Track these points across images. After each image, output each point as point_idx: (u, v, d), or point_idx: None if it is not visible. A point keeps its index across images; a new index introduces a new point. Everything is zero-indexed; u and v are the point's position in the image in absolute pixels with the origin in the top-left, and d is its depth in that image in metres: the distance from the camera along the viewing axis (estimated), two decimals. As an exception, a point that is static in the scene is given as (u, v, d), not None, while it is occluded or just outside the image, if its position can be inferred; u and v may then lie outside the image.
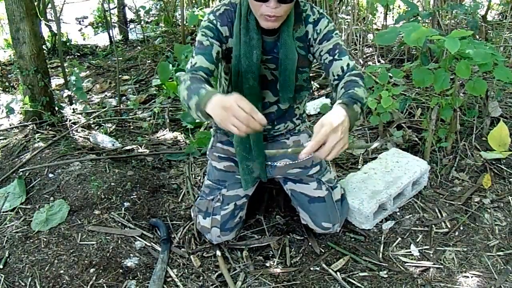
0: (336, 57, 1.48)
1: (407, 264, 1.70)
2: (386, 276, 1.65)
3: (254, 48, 1.50)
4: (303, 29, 1.53)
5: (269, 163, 1.79)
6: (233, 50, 1.52)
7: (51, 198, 2.07)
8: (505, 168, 2.13)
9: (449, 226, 1.86)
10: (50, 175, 2.21)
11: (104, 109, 3.21)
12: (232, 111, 1.08)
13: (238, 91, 1.56)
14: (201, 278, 1.70)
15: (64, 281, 1.65)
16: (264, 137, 1.71)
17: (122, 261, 1.75)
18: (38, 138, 2.61)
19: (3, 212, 2.02)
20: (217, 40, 1.48)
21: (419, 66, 2.06)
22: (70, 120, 2.94)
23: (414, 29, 1.78)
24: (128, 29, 5.63)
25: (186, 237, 1.89)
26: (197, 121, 2.75)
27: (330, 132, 1.09)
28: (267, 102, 1.65)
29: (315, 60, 1.61)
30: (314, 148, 1.10)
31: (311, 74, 1.75)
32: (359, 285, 1.62)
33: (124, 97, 3.55)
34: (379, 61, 3.35)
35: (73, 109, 3.18)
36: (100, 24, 6.29)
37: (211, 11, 1.53)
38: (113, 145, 2.66)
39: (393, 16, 4.10)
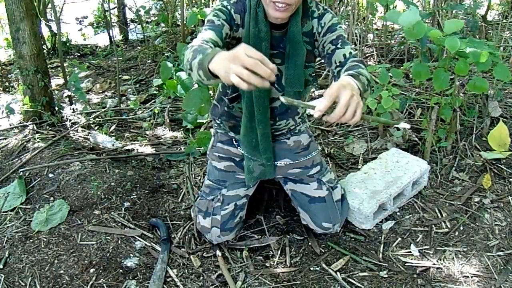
0: (338, 46, 1.48)
1: (407, 264, 1.70)
2: (386, 276, 1.65)
3: (263, 40, 1.50)
4: (309, 24, 1.54)
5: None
6: (243, 41, 1.52)
7: (51, 198, 2.07)
8: (505, 168, 2.13)
9: (449, 226, 1.86)
10: (50, 175, 2.21)
11: (104, 109, 3.21)
12: (239, 60, 0.96)
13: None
14: (201, 278, 1.70)
15: (64, 281, 1.65)
16: None
17: (122, 261, 1.75)
18: (38, 138, 2.61)
19: (3, 212, 2.02)
20: (228, 23, 1.46)
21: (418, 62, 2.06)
22: (70, 120, 2.94)
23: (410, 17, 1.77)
24: (128, 29, 5.62)
25: (186, 237, 1.89)
26: (197, 121, 2.75)
27: (340, 88, 1.05)
28: (273, 97, 1.65)
29: (319, 55, 1.61)
30: (327, 103, 1.02)
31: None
32: (359, 285, 1.62)
33: (124, 97, 3.55)
34: (379, 61, 3.35)
35: (73, 109, 3.18)
36: (100, 24, 6.29)
37: None
38: (113, 145, 2.66)
39: (393, 16, 4.09)
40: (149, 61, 4.32)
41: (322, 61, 1.61)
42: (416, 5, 2.49)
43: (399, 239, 1.82)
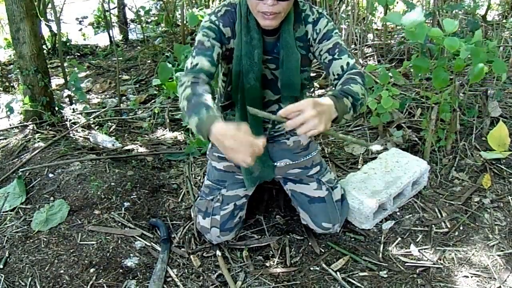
0: (335, 56, 1.47)
1: (407, 264, 1.70)
2: (386, 276, 1.65)
3: (255, 48, 1.49)
4: (303, 29, 1.53)
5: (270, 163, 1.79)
6: (235, 50, 1.52)
7: (51, 198, 2.07)
8: (505, 168, 2.13)
9: (449, 226, 1.86)
10: (50, 175, 2.21)
11: (104, 109, 3.21)
12: (236, 151, 1.11)
13: (239, 92, 1.57)
14: (201, 278, 1.70)
15: (64, 281, 1.65)
16: None
17: (122, 261, 1.75)
18: (38, 138, 2.61)
19: (3, 212, 2.02)
20: (219, 41, 1.47)
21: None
22: (70, 120, 2.94)
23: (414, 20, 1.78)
24: (128, 29, 5.62)
25: (186, 237, 1.89)
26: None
27: (309, 105, 1.13)
28: (269, 100, 1.66)
29: (315, 59, 1.61)
30: (288, 112, 1.15)
31: (311, 74, 1.75)
32: (359, 285, 1.62)
33: (124, 97, 3.55)
34: (379, 61, 3.35)
35: (73, 109, 3.18)
36: (100, 24, 6.29)
37: (212, 12, 1.52)
38: (113, 145, 2.66)
39: (393, 16, 4.09)
40: (149, 61, 4.32)
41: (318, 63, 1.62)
42: (416, 5, 2.50)
43: (399, 239, 1.82)
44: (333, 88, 1.49)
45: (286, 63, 1.53)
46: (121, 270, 1.70)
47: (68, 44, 5.15)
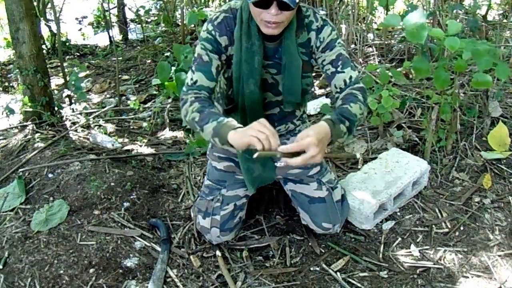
0: (339, 69, 1.48)
1: (407, 264, 1.70)
2: (386, 276, 1.65)
3: (256, 54, 1.49)
4: (305, 35, 1.53)
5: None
6: (234, 56, 1.52)
7: (51, 198, 2.06)
8: (505, 168, 2.13)
9: (449, 226, 1.86)
10: (50, 175, 2.21)
11: (104, 109, 3.21)
12: (257, 127, 1.22)
13: (239, 96, 1.57)
14: (201, 278, 1.70)
15: (64, 281, 1.65)
16: None
17: (122, 261, 1.75)
18: (37, 138, 2.61)
19: (3, 212, 2.01)
20: (216, 52, 1.48)
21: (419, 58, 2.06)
22: (69, 120, 2.94)
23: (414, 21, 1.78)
24: (128, 29, 5.62)
25: (186, 237, 1.89)
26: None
27: (311, 145, 1.20)
28: (269, 101, 1.66)
29: (317, 65, 1.61)
30: (292, 150, 1.22)
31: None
32: (359, 285, 1.62)
33: (124, 97, 3.54)
34: (379, 61, 3.34)
35: (73, 109, 3.17)
36: (100, 24, 6.28)
37: (210, 20, 1.52)
38: (113, 145, 2.65)
39: (393, 16, 4.09)
40: (149, 61, 4.31)
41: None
42: (417, 6, 2.49)
43: (399, 239, 1.82)
44: (334, 98, 1.51)
45: (288, 69, 1.53)
46: (121, 270, 1.70)
47: (67, 44, 5.14)
